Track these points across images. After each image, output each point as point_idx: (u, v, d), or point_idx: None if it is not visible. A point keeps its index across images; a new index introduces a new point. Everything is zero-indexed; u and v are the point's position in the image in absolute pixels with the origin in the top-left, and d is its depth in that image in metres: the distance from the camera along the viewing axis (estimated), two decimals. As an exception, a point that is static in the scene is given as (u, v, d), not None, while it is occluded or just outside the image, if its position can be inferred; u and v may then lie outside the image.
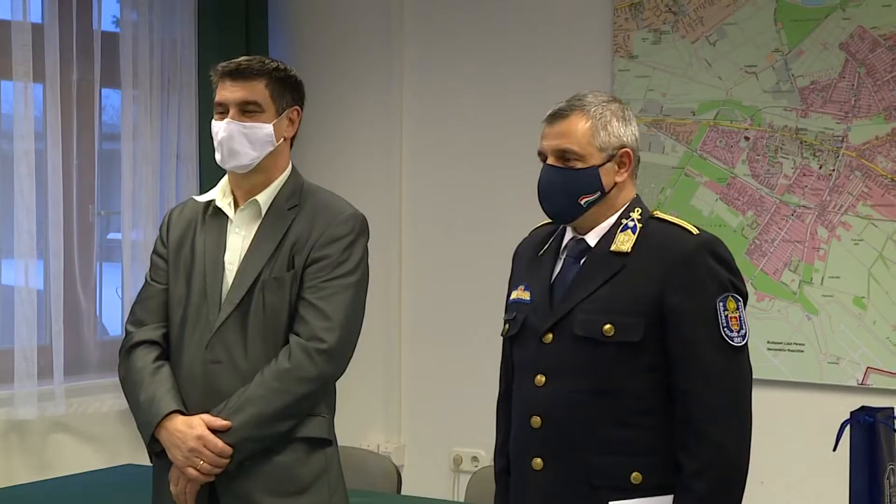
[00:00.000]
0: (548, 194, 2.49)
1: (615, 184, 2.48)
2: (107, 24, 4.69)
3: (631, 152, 2.49)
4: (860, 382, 4.11)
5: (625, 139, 2.48)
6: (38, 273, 4.43)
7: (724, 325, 2.39)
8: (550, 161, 2.48)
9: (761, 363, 4.19)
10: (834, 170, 4.17)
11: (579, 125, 2.46)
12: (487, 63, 4.78)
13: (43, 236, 4.43)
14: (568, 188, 2.46)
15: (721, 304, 2.39)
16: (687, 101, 4.40)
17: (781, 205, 4.26)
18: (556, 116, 2.48)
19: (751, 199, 4.31)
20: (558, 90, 4.48)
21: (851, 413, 2.78)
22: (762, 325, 4.24)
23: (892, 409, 2.82)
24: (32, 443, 4.39)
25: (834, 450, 2.78)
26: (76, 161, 4.56)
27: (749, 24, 4.30)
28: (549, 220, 2.58)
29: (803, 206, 4.22)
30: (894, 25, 4.07)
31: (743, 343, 2.41)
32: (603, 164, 2.46)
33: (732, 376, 2.39)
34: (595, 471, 2.40)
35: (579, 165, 2.45)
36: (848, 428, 2.77)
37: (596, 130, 2.45)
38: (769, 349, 4.24)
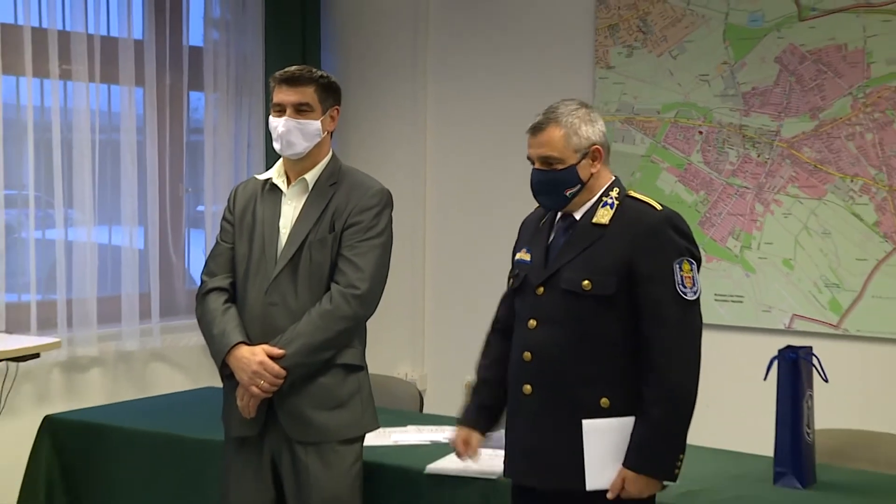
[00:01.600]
0: (539, 192, 2.48)
1: (591, 174, 2.45)
2: (194, 41, 4.68)
3: (600, 147, 2.45)
4: (787, 326, 4.10)
5: (594, 138, 2.45)
6: (140, 237, 4.46)
7: (680, 282, 2.36)
8: (537, 165, 2.46)
9: (709, 311, 4.09)
10: (769, 158, 4.14)
11: (555, 134, 2.42)
12: (496, 72, 4.76)
13: (143, 208, 4.45)
14: (554, 186, 2.44)
15: (678, 265, 2.37)
16: (653, 102, 4.37)
17: (727, 186, 4.23)
18: (536, 129, 2.45)
19: (703, 181, 4.28)
20: (552, 93, 4.44)
21: (779, 351, 2.77)
22: (710, 282, 4.21)
23: (811, 347, 2.82)
24: (135, 369, 4.43)
25: (765, 379, 2.78)
26: (169, 150, 4.57)
27: (703, 42, 4.26)
28: None
29: (744, 187, 4.19)
30: (817, 43, 4.03)
31: (695, 298, 2.38)
32: (579, 161, 2.42)
33: (685, 325, 2.37)
34: (573, 397, 2.39)
35: (560, 167, 2.42)
36: (776, 363, 2.76)
37: (569, 137, 2.42)
38: (715, 300, 4.22)
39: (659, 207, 2.43)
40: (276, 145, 2.77)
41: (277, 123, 2.75)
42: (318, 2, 4.96)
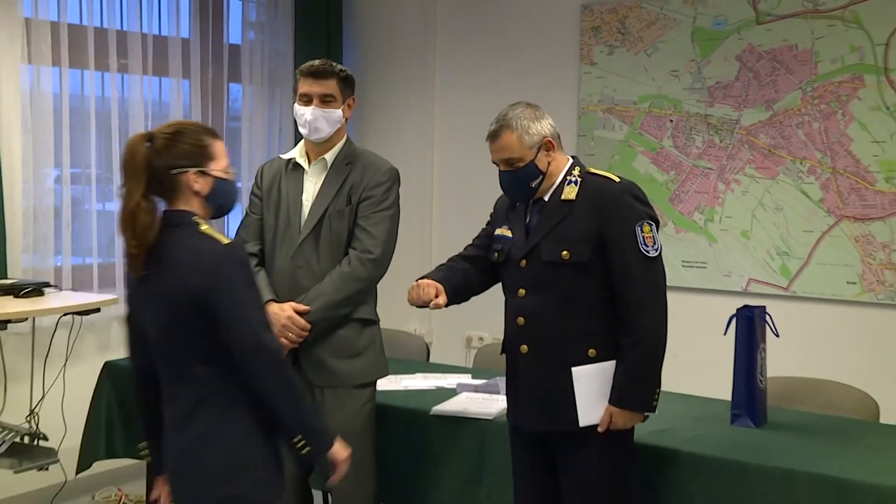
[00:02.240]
0: (508, 190, 2.45)
1: (549, 163, 2.39)
2: (233, 39, 4.64)
3: (550, 139, 2.39)
4: (744, 289, 4.06)
5: (543, 132, 2.38)
6: (187, 209, 4.41)
7: (642, 242, 2.32)
8: (502, 168, 2.41)
9: (677, 275, 4.14)
10: (730, 143, 4.08)
11: (510, 138, 2.36)
12: (495, 67, 4.72)
13: (190, 185, 4.41)
14: (520, 182, 2.39)
15: (639, 228, 2.32)
16: (630, 94, 4.30)
17: (694, 167, 4.17)
18: (493, 137, 2.40)
19: (673, 163, 4.22)
20: (543, 85, 4.48)
21: (737, 310, 2.74)
22: (679, 250, 4.18)
23: (765, 307, 2.79)
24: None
25: (724, 334, 2.74)
26: (212, 134, 4.53)
27: (674, 42, 4.19)
28: None
29: (709, 168, 4.14)
30: (772, 44, 3.97)
31: (657, 254, 2.34)
32: (536, 156, 2.37)
33: (651, 279, 2.32)
34: (564, 351, 2.36)
35: (521, 165, 2.37)
36: (734, 320, 2.72)
37: (521, 137, 2.36)
38: (683, 266, 4.18)
39: (617, 180, 2.38)
40: (303, 130, 2.73)
41: (305, 111, 2.71)
42: (340, 6, 4.91)
